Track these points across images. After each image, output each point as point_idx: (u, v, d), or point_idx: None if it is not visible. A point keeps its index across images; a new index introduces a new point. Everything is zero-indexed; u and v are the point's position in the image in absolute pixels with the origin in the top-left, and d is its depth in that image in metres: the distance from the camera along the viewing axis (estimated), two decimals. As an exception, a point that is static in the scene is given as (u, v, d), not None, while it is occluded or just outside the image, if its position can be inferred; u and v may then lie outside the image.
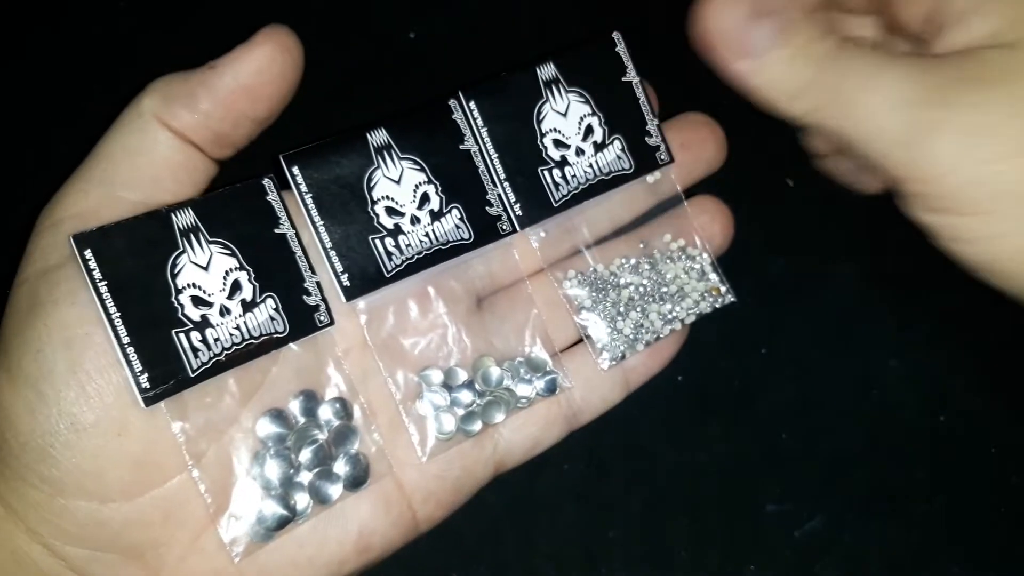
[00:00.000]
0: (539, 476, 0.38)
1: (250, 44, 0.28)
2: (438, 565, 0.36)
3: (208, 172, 0.30)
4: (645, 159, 0.35)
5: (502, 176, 0.33)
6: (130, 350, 0.27)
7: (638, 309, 0.34)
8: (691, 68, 0.35)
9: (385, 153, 0.32)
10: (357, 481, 0.30)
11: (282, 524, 0.29)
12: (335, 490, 0.29)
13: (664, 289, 0.34)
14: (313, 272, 0.30)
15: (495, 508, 0.32)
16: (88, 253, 0.27)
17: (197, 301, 0.28)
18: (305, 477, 0.29)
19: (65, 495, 0.27)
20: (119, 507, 0.27)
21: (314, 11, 0.42)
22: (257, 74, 0.28)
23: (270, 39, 0.28)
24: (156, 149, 0.29)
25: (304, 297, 0.30)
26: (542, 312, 0.33)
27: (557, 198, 0.33)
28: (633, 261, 0.34)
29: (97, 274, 0.27)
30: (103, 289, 0.27)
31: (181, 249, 0.28)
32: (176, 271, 0.28)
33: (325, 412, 0.30)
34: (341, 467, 0.30)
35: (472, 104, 0.33)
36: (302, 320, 0.30)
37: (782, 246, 0.41)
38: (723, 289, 0.35)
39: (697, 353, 0.39)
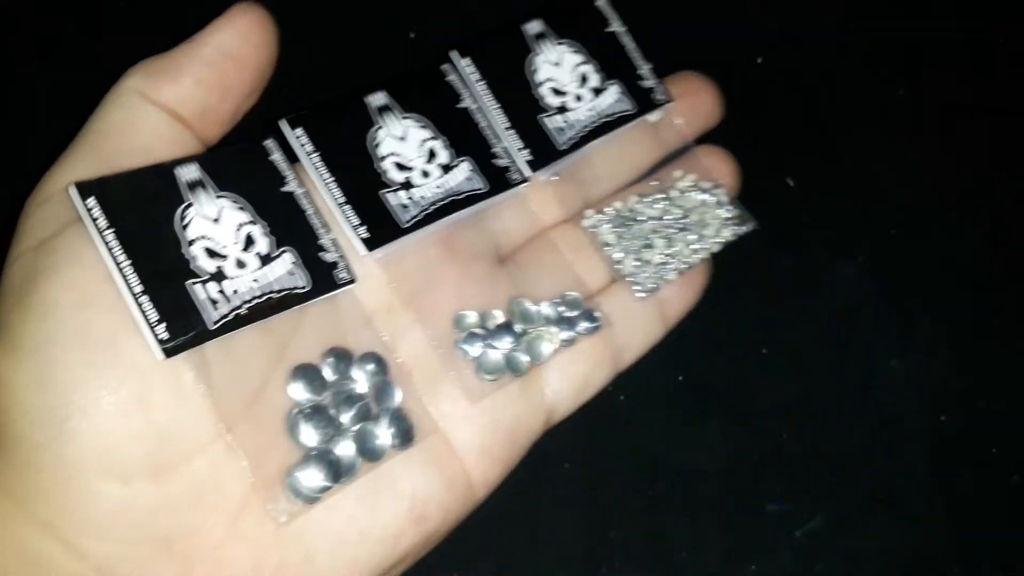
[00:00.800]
0: (540, 475, 0.36)
1: (224, 17, 0.28)
2: (439, 565, 0.33)
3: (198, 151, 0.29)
4: (644, 100, 0.34)
5: (506, 126, 0.32)
6: (144, 299, 0.24)
7: (663, 239, 0.33)
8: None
9: (386, 113, 0.31)
10: (405, 437, 0.27)
11: (328, 486, 0.26)
12: (384, 438, 0.26)
13: (685, 220, 0.33)
14: (328, 229, 0.29)
15: (496, 507, 0.30)
16: (92, 201, 0.25)
17: (211, 253, 0.26)
18: (348, 435, 0.26)
19: (85, 475, 0.23)
20: (145, 488, 0.24)
21: (314, 11, 0.42)
22: (239, 43, 0.28)
23: (242, 12, 0.28)
24: (145, 121, 0.27)
25: (321, 254, 0.28)
26: (567, 255, 0.32)
27: (562, 141, 0.33)
28: (649, 198, 0.34)
29: (102, 222, 0.25)
30: (110, 238, 0.25)
31: (188, 202, 0.26)
32: (185, 223, 0.26)
33: (358, 371, 0.28)
34: (384, 425, 0.27)
35: (465, 60, 0.32)
36: (322, 276, 0.28)
37: (782, 246, 0.40)
38: (743, 216, 0.34)
39: (697, 353, 0.39)
